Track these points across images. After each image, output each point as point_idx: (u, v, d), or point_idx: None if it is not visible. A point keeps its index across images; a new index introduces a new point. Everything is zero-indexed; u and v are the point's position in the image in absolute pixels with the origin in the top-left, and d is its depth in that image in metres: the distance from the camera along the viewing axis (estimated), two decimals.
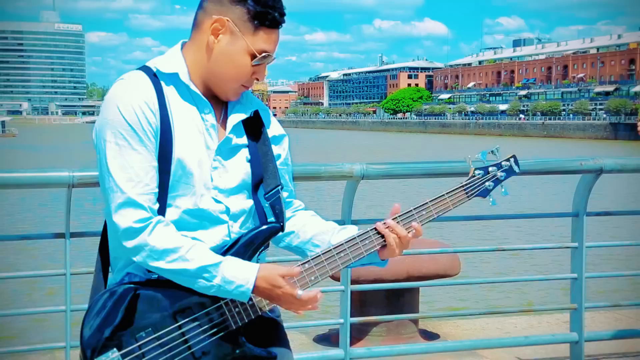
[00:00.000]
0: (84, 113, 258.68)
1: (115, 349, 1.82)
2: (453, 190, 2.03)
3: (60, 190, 3.51)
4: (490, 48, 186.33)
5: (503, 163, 2.08)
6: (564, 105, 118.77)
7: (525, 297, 10.15)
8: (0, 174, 3.54)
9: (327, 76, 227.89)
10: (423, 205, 2.01)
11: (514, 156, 2.10)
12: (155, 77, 1.92)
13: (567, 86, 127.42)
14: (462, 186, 2.04)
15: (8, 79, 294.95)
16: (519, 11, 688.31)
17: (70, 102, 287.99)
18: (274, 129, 2.10)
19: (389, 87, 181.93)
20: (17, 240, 3.96)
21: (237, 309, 1.89)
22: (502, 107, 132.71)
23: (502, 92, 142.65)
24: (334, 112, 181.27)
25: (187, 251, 1.84)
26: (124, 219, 1.83)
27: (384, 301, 4.94)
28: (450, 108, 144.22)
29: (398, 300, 4.98)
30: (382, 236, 1.97)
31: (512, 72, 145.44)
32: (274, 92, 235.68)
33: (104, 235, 2.02)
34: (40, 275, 3.89)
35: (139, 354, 1.83)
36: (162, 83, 1.92)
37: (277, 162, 2.06)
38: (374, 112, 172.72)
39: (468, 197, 2.04)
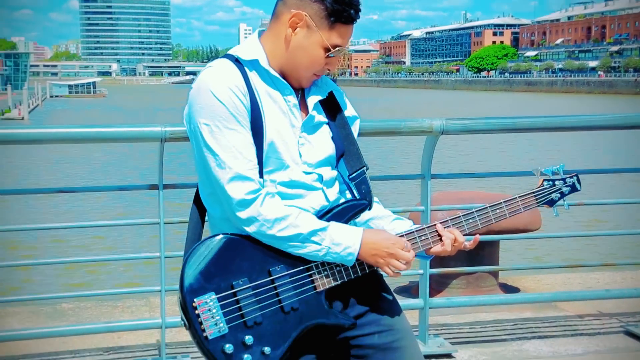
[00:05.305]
0: (169, 74, 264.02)
1: (213, 292, 1.95)
2: (525, 194, 2.20)
3: (153, 144, 3.71)
4: (580, 3, 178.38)
5: (567, 179, 2.25)
6: None
7: (609, 252, 9.97)
8: (98, 128, 3.79)
9: (409, 35, 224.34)
10: (497, 204, 2.15)
11: (576, 174, 2.26)
12: (238, 63, 2.05)
13: None
14: (533, 192, 2.21)
15: (98, 41, 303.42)
16: None
17: (156, 63, 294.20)
18: (347, 110, 2.23)
19: (473, 45, 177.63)
20: (115, 190, 4.18)
21: (325, 272, 2.02)
22: (592, 64, 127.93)
23: (592, 49, 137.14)
24: (416, 71, 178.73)
25: (296, 218, 1.98)
26: (236, 191, 1.96)
27: (464, 254, 4.98)
28: (536, 66, 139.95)
29: (477, 254, 5.03)
30: (439, 235, 2.10)
31: (604, 27, 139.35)
32: (356, 51, 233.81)
33: (197, 191, 2.17)
34: (136, 224, 4.11)
35: (234, 300, 1.95)
36: (246, 69, 2.05)
37: None
38: (457, 70, 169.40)
39: (537, 203, 2.21)
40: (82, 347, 4.06)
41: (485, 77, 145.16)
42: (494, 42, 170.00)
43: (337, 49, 2.04)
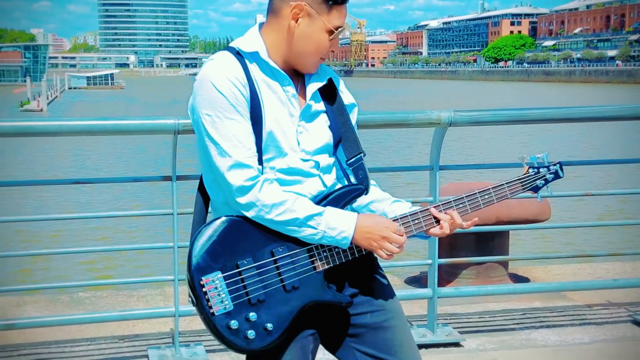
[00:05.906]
0: (186, 65, 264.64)
1: (219, 272, 2.05)
2: (511, 181, 2.31)
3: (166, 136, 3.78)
4: None
5: (551, 167, 2.35)
6: None
7: (620, 243, 9.93)
8: (113, 121, 3.88)
9: (426, 25, 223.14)
10: (485, 190, 2.26)
11: (559, 162, 2.36)
12: (239, 55, 2.15)
13: None
14: (519, 179, 2.32)
15: (116, 33, 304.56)
16: None
17: (174, 55, 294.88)
18: (346, 97, 2.33)
19: (491, 35, 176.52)
20: (129, 182, 4.28)
21: (324, 254, 2.12)
22: (611, 53, 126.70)
23: (611, 38, 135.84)
24: (433, 62, 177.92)
25: (293, 203, 2.07)
26: (235, 178, 2.06)
27: (474, 245, 5.05)
28: (554, 55, 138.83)
29: (487, 244, 5.08)
30: (434, 218, 2.19)
31: (623, 15, 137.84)
32: (372, 42, 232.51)
33: (202, 179, 2.27)
34: (149, 214, 4.21)
35: (239, 279, 2.06)
36: (246, 61, 2.15)
37: None
38: (475, 61, 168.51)
39: (523, 189, 2.32)
40: (98, 334, 4.17)
41: (502, 67, 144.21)
42: (511, 32, 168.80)
43: (338, 29, 2.14)
